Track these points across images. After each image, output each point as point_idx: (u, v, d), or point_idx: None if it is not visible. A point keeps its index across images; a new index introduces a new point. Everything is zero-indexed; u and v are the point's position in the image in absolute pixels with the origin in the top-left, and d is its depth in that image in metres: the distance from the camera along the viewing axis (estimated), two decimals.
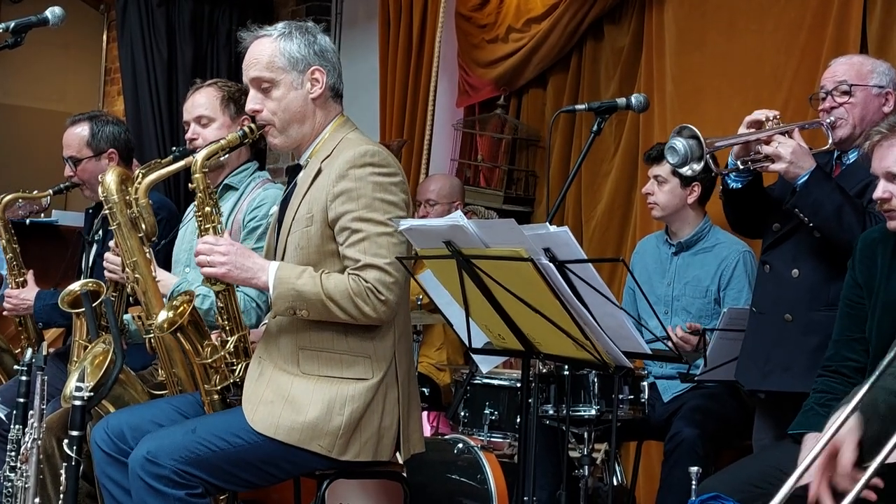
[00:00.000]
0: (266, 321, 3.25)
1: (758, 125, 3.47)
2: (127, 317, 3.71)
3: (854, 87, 3.54)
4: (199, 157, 3.11)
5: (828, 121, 3.55)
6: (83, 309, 3.70)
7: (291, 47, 3.10)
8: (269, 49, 3.11)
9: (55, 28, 3.37)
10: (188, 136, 3.81)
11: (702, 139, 3.27)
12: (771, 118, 3.47)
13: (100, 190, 3.41)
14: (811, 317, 3.46)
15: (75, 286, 3.78)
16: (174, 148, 3.57)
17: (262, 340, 3.15)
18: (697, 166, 3.29)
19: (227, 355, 3.15)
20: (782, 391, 3.50)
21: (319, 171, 3.07)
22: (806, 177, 3.35)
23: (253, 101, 3.14)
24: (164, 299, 3.40)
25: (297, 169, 3.21)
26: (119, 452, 3.12)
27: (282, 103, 3.11)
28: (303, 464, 3.02)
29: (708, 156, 3.29)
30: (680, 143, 3.30)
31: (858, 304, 3.05)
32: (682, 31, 5.18)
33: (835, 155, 3.61)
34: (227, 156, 3.42)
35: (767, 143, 3.40)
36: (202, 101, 3.82)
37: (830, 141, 3.56)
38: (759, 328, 3.63)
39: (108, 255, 3.62)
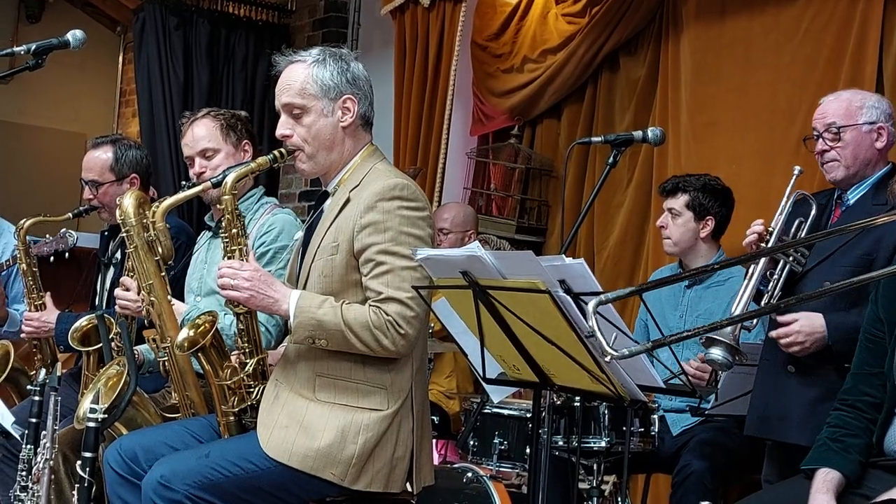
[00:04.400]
0: (286, 344, 3.25)
1: (759, 240, 3.48)
2: (142, 347, 3.72)
3: (843, 128, 3.54)
4: (230, 179, 3.10)
5: (796, 172, 3.58)
6: (91, 347, 3.71)
7: (324, 74, 3.11)
8: (301, 75, 3.12)
9: (73, 50, 3.38)
10: (195, 171, 3.78)
11: (723, 339, 3.35)
12: (763, 232, 3.48)
13: (118, 213, 3.43)
14: (813, 370, 3.45)
15: (82, 322, 3.79)
16: (183, 182, 3.57)
17: (279, 364, 3.15)
18: (739, 354, 3.38)
19: (246, 377, 3.15)
20: (776, 440, 3.51)
21: (348, 201, 3.07)
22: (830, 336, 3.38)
23: (283, 126, 3.15)
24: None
25: (324, 196, 3.21)
26: (131, 474, 3.12)
27: (312, 130, 3.12)
28: (315, 491, 3.02)
29: (737, 338, 3.35)
30: (718, 354, 3.36)
31: (879, 338, 3.03)
32: (697, 64, 5.20)
33: (835, 195, 3.61)
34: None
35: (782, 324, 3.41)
36: (203, 134, 3.80)
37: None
38: (762, 375, 3.63)
39: (118, 291, 3.61)
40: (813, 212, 3.58)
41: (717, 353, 3.41)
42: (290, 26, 7.55)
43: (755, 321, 3.57)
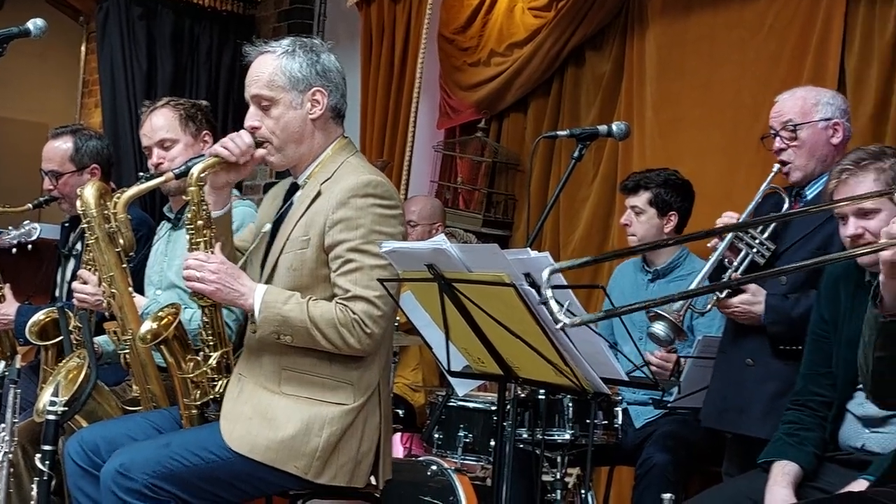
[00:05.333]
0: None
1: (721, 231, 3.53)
2: (101, 339, 3.68)
3: (799, 126, 3.57)
4: (196, 170, 3.06)
5: (775, 168, 3.60)
6: (50, 342, 3.68)
7: (293, 66, 3.08)
8: (270, 66, 3.09)
9: (35, 39, 3.34)
10: (153, 161, 3.74)
11: (666, 315, 3.48)
12: (728, 221, 3.52)
13: (78, 204, 3.39)
14: (771, 363, 3.49)
15: (40, 315, 3.76)
16: (140, 174, 3.53)
17: (243, 358, 3.13)
18: (681, 334, 3.53)
19: (210, 370, 3.13)
20: (736, 433, 3.54)
21: (319, 194, 3.05)
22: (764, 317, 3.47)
23: (252, 117, 3.11)
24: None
25: (294, 188, 3.19)
26: (92, 466, 3.10)
27: (280, 122, 3.08)
28: (277, 483, 3.02)
29: (681, 319, 3.50)
30: (660, 329, 3.50)
31: (825, 338, 3.07)
32: (662, 60, 5.23)
33: (793, 192, 3.64)
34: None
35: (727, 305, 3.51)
36: (161, 123, 3.76)
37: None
38: (720, 367, 3.66)
39: (75, 284, 3.57)
40: (786, 206, 3.62)
41: (659, 328, 3.49)
42: (255, 17, 7.51)
43: (709, 305, 3.60)
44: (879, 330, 2.32)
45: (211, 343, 3.14)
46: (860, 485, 2.74)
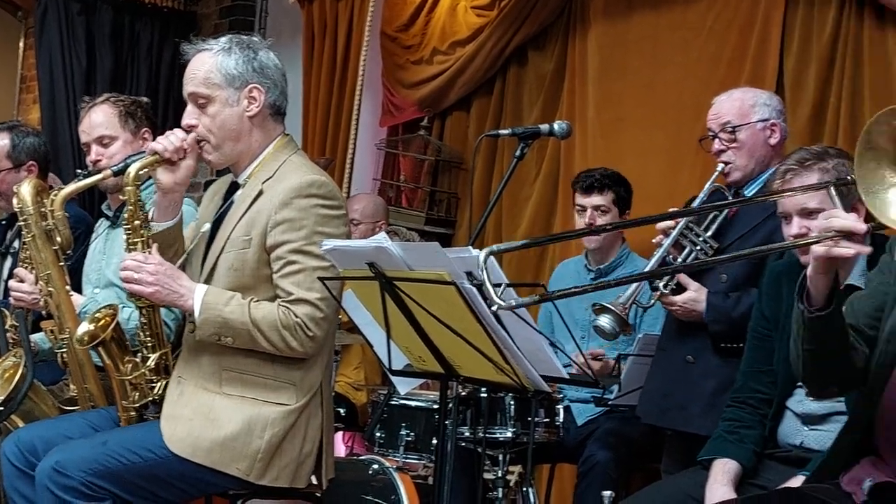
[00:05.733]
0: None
1: (673, 227, 3.56)
2: (37, 336, 3.63)
3: (738, 127, 3.61)
4: (133, 169, 3.02)
5: (719, 168, 3.63)
6: None
7: (229, 63, 3.05)
8: (207, 64, 3.06)
9: None
10: (91, 158, 3.69)
11: (612, 307, 3.52)
12: (673, 227, 3.56)
13: (15, 201, 3.35)
14: (711, 360, 3.52)
15: None
16: (79, 171, 3.49)
17: (181, 359, 3.10)
18: (626, 327, 3.58)
19: (148, 372, 3.10)
20: (677, 430, 3.58)
21: (261, 193, 3.02)
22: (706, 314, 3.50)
23: (189, 115, 3.08)
24: None
25: (234, 187, 3.16)
26: (29, 466, 3.05)
27: (216, 120, 3.05)
28: (218, 484, 2.99)
29: (626, 311, 3.54)
30: (605, 322, 3.53)
31: (766, 336, 3.10)
32: (605, 60, 5.26)
33: (732, 192, 3.68)
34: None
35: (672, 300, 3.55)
36: (100, 120, 3.71)
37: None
38: (661, 364, 3.70)
39: (12, 283, 3.52)
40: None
41: (604, 321, 3.52)
42: (196, 14, 7.46)
43: (652, 300, 3.63)
44: (806, 325, 2.35)
45: (149, 344, 3.10)
46: (798, 481, 2.76)
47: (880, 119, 2.11)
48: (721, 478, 2.95)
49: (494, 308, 2.09)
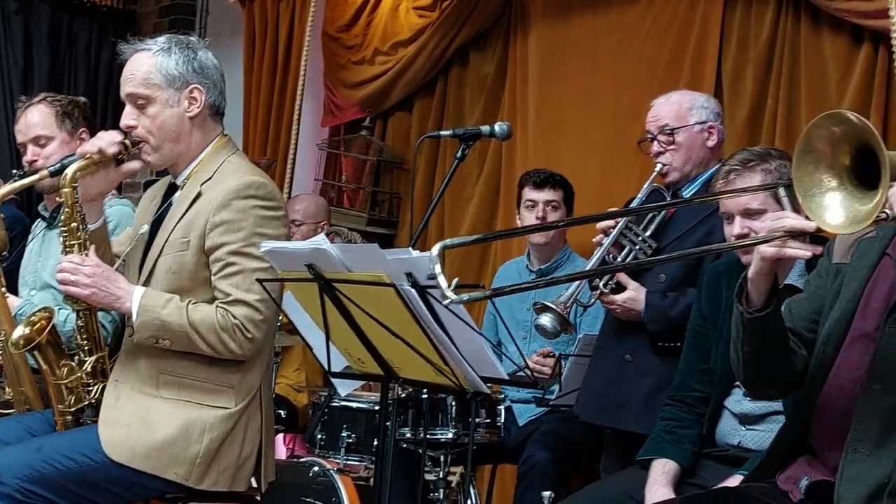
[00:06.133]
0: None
1: (613, 227, 3.58)
2: None
3: (675, 130, 3.65)
4: (70, 170, 2.98)
5: (657, 168, 3.67)
6: None
7: (169, 63, 3.02)
8: (146, 64, 3.02)
9: None
10: (27, 158, 3.66)
11: (553, 306, 3.52)
12: (613, 226, 3.58)
13: None
14: (649, 359, 3.55)
15: None
16: (14, 172, 3.45)
17: (119, 363, 3.07)
18: (567, 326, 3.59)
19: (85, 376, 3.06)
20: (615, 429, 3.60)
21: (199, 195, 2.99)
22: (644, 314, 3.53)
23: (128, 116, 3.04)
24: None
25: (172, 188, 3.13)
26: None
27: (156, 121, 3.02)
28: (156, 488, 2.96)
29: (568, 310, 3.55)
30: (547, 322, 3.53)
31: (704, 335, 3.13)
32: (545, 62, 5.28)
33: (670, 192, 3.72)
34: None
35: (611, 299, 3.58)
36: (37, 120, 3.68)
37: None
38: (599, 363, 3.72)
39: None
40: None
41: (546, 320, 3.53)
42: (135, 13, 7.37)
43: (592, 299, 3.65)
44: (745, 326, 2.37)
45: (86, 347, 3.07)
46: (736, 480, 2.79)
47: (819, 123, 2.13)
48: (661, 478, 2.97)
49: (447, 302, 2.09)
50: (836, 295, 2.47)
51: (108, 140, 3.01)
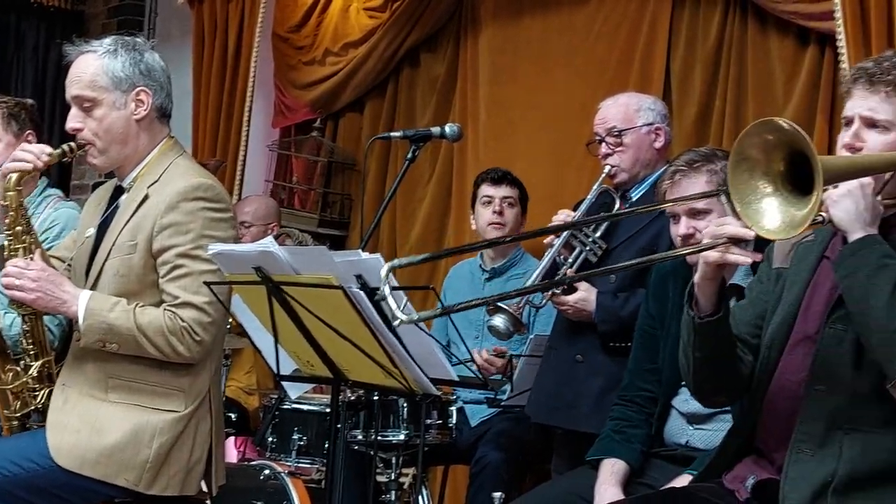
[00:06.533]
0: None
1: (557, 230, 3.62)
2: None
3: (623, 132, 3.68)
4: (15, 175, 2.96)
5: (606, 170, 3.69)
6: None
7: (115, 66, 2.99)
8: (92, 66, 3.00)
9: None
10: None
11: (506, 307, 3.56)
12: (564, 217, 3.61)
13: None
14: (599, 359, 3.57)
15: None
16: None
17: (66, 366, 3.03)
18: (520, 326, 3.64)
19: (31, 380, 3.03)
20: (566, 429, 3.62)
21: (146, 197, 2.97)
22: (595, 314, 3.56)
23: (74, 119, 3.02)
24: None
25: (119, 191, 3.10)
26: None
27: (103, 123, 2.99)
28: (105, 493, 2.94)
29: (520, 311, 3.60)
30: (500, 322, 3.58)
31: (652, 335, 3.16)
32: (495, 63, 5.29)
33: (619, 193, 3.74)
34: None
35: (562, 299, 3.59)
36: None
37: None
38: (551, 363, 3.74)
39: None
40: (616, 206, 3.70)
41: (499, 321, 3.56)
42: (84, 14, 7.29)
43: (544, 300, 3.67)
44: (696, 331, 2.39)
45: (32, 352, 3.03)
46: (684, 479, 2.82)
47: (751, 131, 2.16)
48: (610, 478, 2.99)
49: (397, 324, 2.09)
50: (778, 299, 2.50)
51: (37, 151, 2.99)
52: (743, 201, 2.17)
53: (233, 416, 4.74)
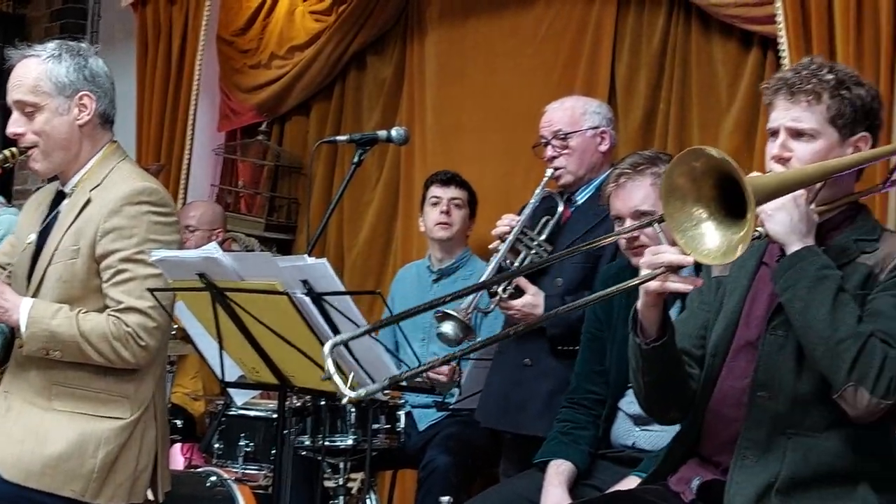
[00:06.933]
0: None
1: (508, 232, 3.61)
2: None
3: (569, 135, 3.71)
4: None
5: (548, 173, 3.71)
6: None
7: (60, 70, 2.96)
8: (35, 71, 2.96)
9: None
10: None
11: (454, 313, 3.52)
12: (509, 223, 3.61)
13: None
14: (548, 362, 3.58)
15: None
16: None
17: (8, 373, 2.99)
18: (469, 332, 3.56)
19: None
20: (516, 432, 3.62)
21: (88, 201, 2.94)
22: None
23: (15, 124, 2.98)
24: None
25: (60, 196, 3.06)
26: None
27: (46, 128, 2.96)
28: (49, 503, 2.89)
29: (469, 317, 3.54)
30: (448, 329, 3.54)
31: (598, 337, 3.17)
32: (442, 65, 5.29)
33: (564, 196, 3.76)
34: None
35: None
36: None
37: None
38: (499, 367, 3.74)
39: None
40: (559, 209, 3.71)
41: (447, 327, 3.55)
42: (25, 17, 7.20)
43: (492, 305, 3.67)
44: (643, 356, 2.40)
45: None
46: (631, 481, 2.83)
47: (679, 160, 2.15)
48: (555, 479, 2.99)
49: (345, 401, 2.06)
50: (719, 307, 2.51)
51: None
52: (679, 230, 2.16)
53: (179, 422, 4.70)
